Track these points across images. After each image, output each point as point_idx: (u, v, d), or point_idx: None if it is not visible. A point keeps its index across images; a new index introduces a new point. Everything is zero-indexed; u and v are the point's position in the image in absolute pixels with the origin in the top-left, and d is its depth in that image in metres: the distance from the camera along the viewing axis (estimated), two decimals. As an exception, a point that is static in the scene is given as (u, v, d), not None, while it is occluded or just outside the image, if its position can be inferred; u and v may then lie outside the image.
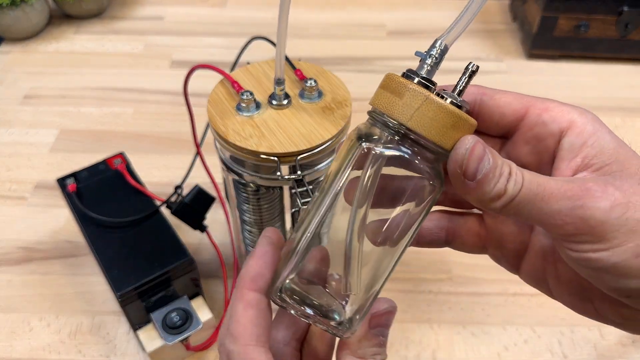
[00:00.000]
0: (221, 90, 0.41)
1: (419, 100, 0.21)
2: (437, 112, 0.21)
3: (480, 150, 0.22)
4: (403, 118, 0.22)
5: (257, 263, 0.24)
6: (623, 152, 0.22)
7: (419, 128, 0.21)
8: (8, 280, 0.54)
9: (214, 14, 0.92)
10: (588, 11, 0.76)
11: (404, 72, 0.23)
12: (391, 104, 0.22)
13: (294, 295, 0.24)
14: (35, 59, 0.83)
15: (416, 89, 0.22)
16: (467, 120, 0.22)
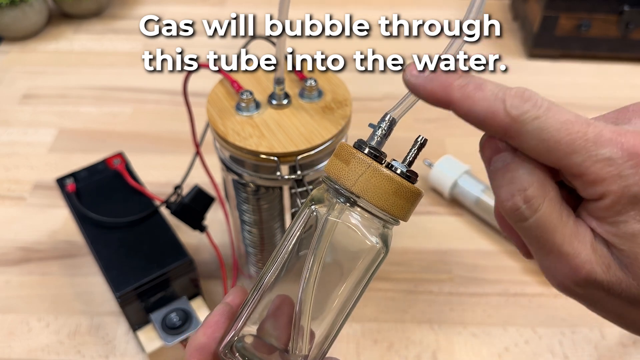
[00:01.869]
0: (221, 89, 0.41)
1: (363, 167, 0.23)
2: (379, 179, 0.23)
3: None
4: (348, 183, 0.23)
5: (206, 333, 0.24)
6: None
7: (362, 193, 0.23)
8: (6, 281, 0.54)
9: (213, 13, 0.92)
10: (589, 10, 0.76)
11: (355, 142, 0.24)
12: (339, 170, 0.23)
13: (246, 353, 0.25)
14: (34, 58, 0.83)
15: (361, 157, 0.23)
16: (409, 188, 0.23)
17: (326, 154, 0.38)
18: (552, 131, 0.20)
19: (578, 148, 0.20)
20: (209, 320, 0.25)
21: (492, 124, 0.21)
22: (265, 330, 0.25)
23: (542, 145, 0.20)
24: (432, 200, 0.62)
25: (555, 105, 0.21)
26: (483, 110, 0.21)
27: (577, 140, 0.20)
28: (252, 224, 0.44)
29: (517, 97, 0.21)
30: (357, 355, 0.48)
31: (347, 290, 0.25)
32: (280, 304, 0.25)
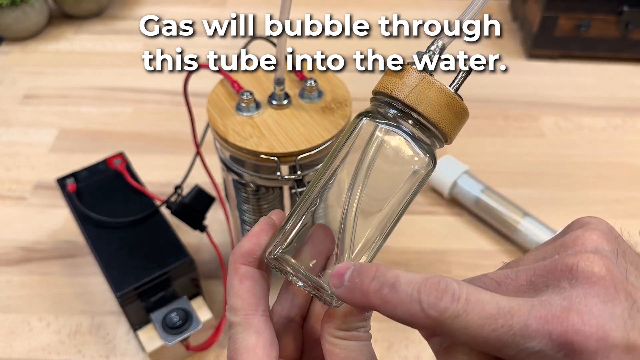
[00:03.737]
0: (221, 90, 0.41)
1: (417, 80, 0.23)
2: (433, 91, 0.23)
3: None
4: (401, 95, 0.23)
5: (251, 241, 0.25)
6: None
7: (416, 104, 0.23)
8: (7, 281, 0.54)
9: (213, 13, 0.92)
10: (589, 11, 0.76)
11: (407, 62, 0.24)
12: (392, 84, 0.24)
13: (290, 262, 0.25)
14: (35, 58, 0.83)
15: (415, 71, 0.24)
16: (460, 103, 0.24)
17: (326, 154, 0.38)
18: (476, 328, 0.19)
19: (508, 342, 0.19)
20: (254, 229, 0.26)
21: (417, 325, 0.20)
22: (302, 256, 0.25)
23: (472, 341, 0.19)
24: (431, 200, 0.62)
25: (474, 292, 0.19)
26: (404, 314, 0.20)
27: (504, 335, 0.19)
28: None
29: (432, 294, 0.20)
30: (357, 355, 0.48)
31: (391, 205, 0.25)
32: (319, 234, 0.25)
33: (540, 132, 0.71)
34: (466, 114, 0.24)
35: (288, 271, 0.25)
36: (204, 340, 0.48)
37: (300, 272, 0.25)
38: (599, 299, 0.19)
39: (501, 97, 0.76)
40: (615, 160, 0.67)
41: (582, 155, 0.68)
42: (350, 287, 0.22)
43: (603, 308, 0.18)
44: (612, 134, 0.71)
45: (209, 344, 0.48)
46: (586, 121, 0.73)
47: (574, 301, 0.19)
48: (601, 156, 0.68)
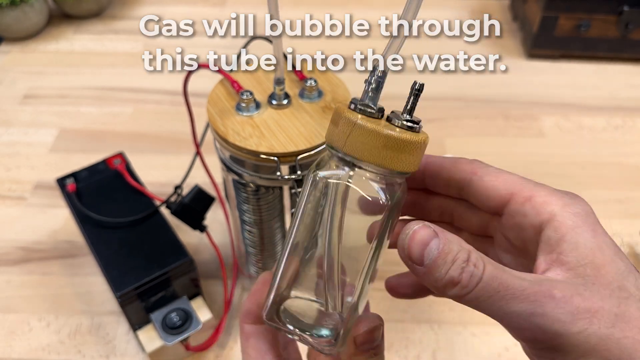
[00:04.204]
0: (221, 90, 0.41)
1: (349, 128, 0.22)
2: (365, 136, 0.22)
3: (425, 235, 0.21)
4: (339, 145, 0.23)
5: (250, 301, 0.27)
6: (601, 255, 0.21)
7: (353, 152, 0.22)
8: (7, 281, 0.54)
9: (213, 13, 0.92)
10: (589, 11, 0.76)
11: (350, 100, 0.24)
12: (331, 133, 0.23)
13: (285, 315, 0.25)
14: (34, 58, 0.83)
15: (346, 117, 0.22)
16: (398, 139, 0.22)
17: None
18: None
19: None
20: (253, 288, 0.27)
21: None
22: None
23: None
24: (432, 200, 0.62)
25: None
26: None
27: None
28: (252, 224, 0.44)
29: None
30: (357, 355, 0.48)
31: (368, 246, 0.24)
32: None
33: (540, 132, 0.71)
34: (415, 144, 0.23)
35: (285, 330, 0.25)
36: (204, 341, 0.48)
37: (304, 321, 0.25)
38: None
39: (501, 97, 0.76)
40: (616, 160, 0.67)
41: (582, 155, 0.68)
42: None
43: None
44: (613, 134, 0.71)
45: (209, 344, 0.48)
46: (586, 121, 0.73)
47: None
48: (601, 156, 0.68)
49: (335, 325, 0.25)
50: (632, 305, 0.20)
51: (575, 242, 0.21)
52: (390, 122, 0.23)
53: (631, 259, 0.56)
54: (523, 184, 0.24)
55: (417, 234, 0.21)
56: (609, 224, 0.59)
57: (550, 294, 0.20)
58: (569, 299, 0.20)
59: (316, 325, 0.25)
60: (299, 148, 0.36)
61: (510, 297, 0.20)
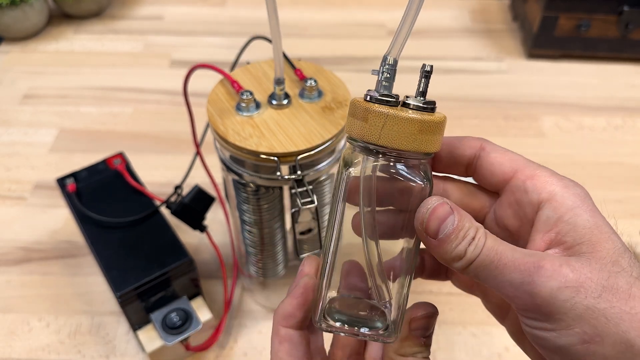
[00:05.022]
0: (221, 90, 0.41)
1: (382, 120, 0.23)
2: (400, 125, 0.23)
3: (443, 211, 0.22)
4: (373, 139, 0.23)
5: (291, 303, 0.27)
6: (598, 233, 0.22)
7: (390, 143, 0.23)
8: (7, 281, 0.54)
9: (213, 13, 0.92)
10: (589, 11, 0.76)
11: (365, 94, 0.24)
12: (361, 129, 0.23)
13: (337, 315, 0.26)
14: (34, 58, 0.83)
15: (376, 110, 0.23)
16: (431, 121, 0.23)
17: (326, 154, 0.38)
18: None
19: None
20: (294, 291, 0.27)
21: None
22: (345, 290, 0.27)
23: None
24: (432, 200, 0.62)
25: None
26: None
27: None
28: (252, 224, 0.44)
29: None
30: (357, 355, 0.48)
31: (407, 234, 0.25)
32: (350, 268, 0.26)
33: (540, 132, 0.71)
34: (442, 123, 0.24)
35: (337, 329, 0.26)
36: (204, 341, 0.48)
37: (358, 317, 0.26)
38: None
39: (501, 97, 0.76)
40: (616, 160, 0.67)
41: (582, 155, 0.68)
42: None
43: None
44: (613, 133, 0.71)
45: (209, 344, 0.48)
46: (586, 121, 0.73)
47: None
48: (601, 156, 0.68)
49: (387, 314, 0.26)
50: (622, 278, 0.21)
51: (573, 222, 0.22)
52: (409, 107, 0.24)
53: (631, 259, 0.56)
54: (527, 163, 0.25)
55: (437, 210, 0.22)
56: (609, 224, 0.59)
57: (539, 265, 0.21)
58: (558, 269, 0.21)
59: (368, 318, 0.26)
60: (299, 148, 0.36)
61: (503, 267, 0.21)
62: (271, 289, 0.53)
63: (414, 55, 0.83)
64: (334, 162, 0.40)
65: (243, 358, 0.48)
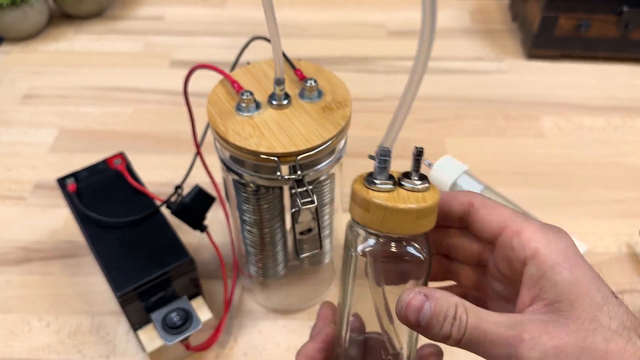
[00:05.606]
0: (221, 90, 0.41)
1: (382, 212, 0.26)
2: (399, 215, 0.26)
3: (417, 302, 0.24)
4: (375, 227, 0.26)
5: (314, 347, 0.31)
6: (576, 291, 0.23)
7: (391, 230, 0.26)
8: (7, 281, 0.54)
9: (213, 13, 0.92)
10: (589, 11, 0.76)
11: (365, 178, 0.27)
12: (364, 217, 0.27)
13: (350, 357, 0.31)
14: (35, 58, 0.83)
15: (376, 203, 0.26)
16: (426, 208, 0.26)
17: (326, 154, 0.38)
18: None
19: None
20: (317, 337, 0.31)
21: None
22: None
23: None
24: (431, 200, 0.62)
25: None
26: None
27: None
28: (253, 224, 0.45)
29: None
30: (357, 355, 0.48)
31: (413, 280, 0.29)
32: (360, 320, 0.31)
33: (540, 132, 0.71)
34: (436, 207, 0.26)
35: None
36: (204, 340, 0.48)
37: None
38: None
39: (501, 97, 0.76)
40: (615, 160, 0.67)
41: (582, 155, 0.68)
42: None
43: None
44: (612, 134, 0.71)
45: (209, 344, 0.48)
46: (586, 121, 0.73)
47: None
48: (601, 156, 0.68)
49: (399, 356, 0.30)
50: (599, 335, 0.22)
51: (554, 280, 0.24)
52: (404, 187, 0.26)
53: (630, 259, 0.56)
54: (514, 218, 0.26)
55: (411, 303, 0.25)
56: (608, 223, 0.60)
57: (520, 337, 0.23)
58: (537, 339, 0.23)
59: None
60: (299, 148, 0.36)
61: (490, 343, 0.23)
62: (271, 289, 0.54)
63: (414, 55, 0.83)
64: (334, 162, 0.40)
65: (243, 358, 0.48)
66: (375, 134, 0.70)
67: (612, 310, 0.23)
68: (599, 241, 0.57)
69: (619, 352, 0.22)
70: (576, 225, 0.59)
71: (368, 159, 0.27)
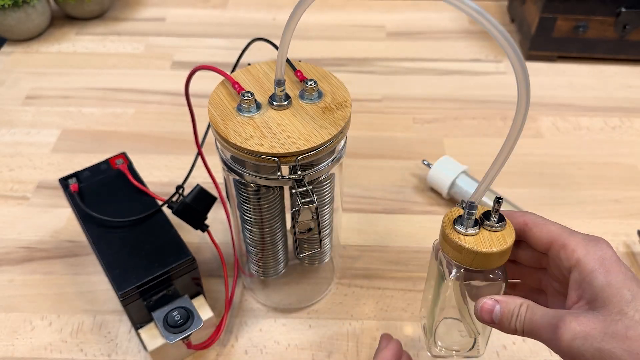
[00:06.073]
0: (222, 91, 0.41)
1: (473, 255, 0.34)
2: (486, 258, 0.34)
3: (489, 306, 0.34)
4: (466, 264, 0.35)
5: (393, 348, 0.43)
6: (608, 291, 0.30)
7: (479, 267, 0.35)
8: (10, 280, 0.55)
9: (215, 15, 0.93)
10: (586, 12, 0.77)
11: (453, 222, 0.35)
12: (456, 256, 0.35)
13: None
14: (37, 59, 0.84)
15: (468, 248, 0.34)
16: (507, 249, 0.34)
17: (326, 154, 0.39)
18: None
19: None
20: (388, 345, 0.43)
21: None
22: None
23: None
24: (430, 200, 0.62)
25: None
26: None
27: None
28: (253, 224, 0.45)
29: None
30: (356, 353, 0.49)
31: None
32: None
33: (538, 132, 0.72)
34: (510, 247, 0.34)
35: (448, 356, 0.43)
36: (205, 339, 0.48)
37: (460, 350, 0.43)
38: None
39: (499, 98, 0.77)
40: (613, 161, 0.68)
41: (579, 156, 0.68)
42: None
43: None
44: (610, 134, 0.71)
45: (210, 343, 0.48)
46: (584, 121, 0.73)
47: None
48: (599, 156, 0.68)
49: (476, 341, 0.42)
50: (621, 324, 0.28)
51: (591, 283, 0.31)
52: (486, 228, 0.35)
53: (629, 258, 0.56)
54: (560, 233, 0.34)
55: (484, 307, 0.34)
56: (606, 223, 0.60)
57: (557, 325, 0.30)
58: (569, 326, 0.29)
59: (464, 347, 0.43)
60: (299, 148, 0.37)
61: (538, 330, 0.31)
62: (272, 288, 0.54)
63: (413, 56, 0.84)
64: (334, 162, 0.41)
65: (244, 356, 0.49)
66: (375, 134, 0.71)
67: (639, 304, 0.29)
68: (596, 241, 0.58)
69: (637, 337, 0.28)
70: (574, 225, 0.58)
71: (367, 159, 0.31)
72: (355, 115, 0.40)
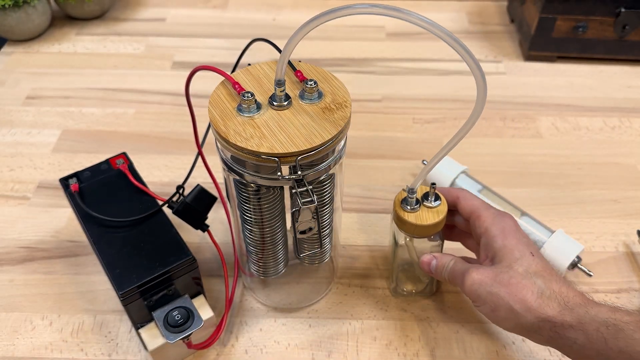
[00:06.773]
0: (222, 91, 0.41)
1: (413, 227, 0.45)
2: (424, 228, 0.45)
3: (427, 259, 0.46)
4: (410, 233, 0.46)
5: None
6: (504, 251, 0.41)
7: (420, 234, 0.46)
8: (10, 280, 0.55)
9: (215, 15, 0.93)
10: (586, 12, 0.77)
11: (401, 202, 0.46)
12: (403, 227, 0.46)
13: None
14: (37, 59, 0.84)
15: (410, 222, 0.45)
16: (438, 222, 0.45)
17: (326, 154, 0.39)
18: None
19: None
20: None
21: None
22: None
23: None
24: (430, 200, 0.63)
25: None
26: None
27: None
28: (253, 224, 0.45)
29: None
30: (356, 353, 0.49)
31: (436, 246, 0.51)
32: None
33: (537, 132, 0.72)
34: (444, 216, 0.46)
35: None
36: (206, 338, 0.48)
37: None
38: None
39: (499, 98, 0.77)
40: (612, 161, 0.68)
41: (579, 156, 0.68)
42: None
43: None
44: (609, 134, 0.71)
45: (211, 342, 0.48)
46: (583, 122, 0.73)
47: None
48: (598, 156, 0.68)
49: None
50: (506, 274, 0.39)
51: (493, 246, 0.42)
52: (425, 205, 0.45)
53: (628, 258, 0.57)
54: (478, 207, 0.44)
55: (423, 261, 0.46)
56: (606, 223, 0.60)
57: (464, 274, 0.41)
58: (471, 275, 0.40)
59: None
60: (299, 148, 0.37)
61: (454, 278, 0.43)
62: (272, 288, 0.54)
63: (413, 56, 0.84)
64: (334, 162, 0.41)
65: (244, 355, 0.49)
66: (375, 134, 0.71)
67: (525, 262, 0.40)
68: (596, 241, 0.58)
69: (517, 284, 0.38)
70: (574, 225, 0.59)
71: (367, 159, 0.33)
72: (355, 116, 0.40)
